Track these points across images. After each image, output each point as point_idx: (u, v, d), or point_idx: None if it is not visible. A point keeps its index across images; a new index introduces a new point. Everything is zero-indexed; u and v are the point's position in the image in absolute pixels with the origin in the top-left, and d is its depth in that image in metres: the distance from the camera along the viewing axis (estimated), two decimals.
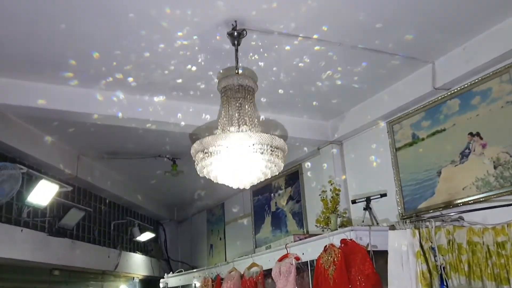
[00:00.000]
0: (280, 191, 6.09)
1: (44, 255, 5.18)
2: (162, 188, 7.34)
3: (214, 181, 2.96)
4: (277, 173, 2.93)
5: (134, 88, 4.12)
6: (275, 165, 2.80)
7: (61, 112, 4.06)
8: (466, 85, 3.76)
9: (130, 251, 7.35)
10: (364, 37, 3.53)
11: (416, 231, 3.18)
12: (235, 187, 2.94)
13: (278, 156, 2.81)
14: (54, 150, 5.26)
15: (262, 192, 6.47)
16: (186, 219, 8.79)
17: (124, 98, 4.19)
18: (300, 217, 5.59)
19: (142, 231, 7.47)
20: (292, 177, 5.84)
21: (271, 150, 2.74)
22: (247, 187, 2.92)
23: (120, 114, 4.16)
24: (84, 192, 6.26)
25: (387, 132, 4.48)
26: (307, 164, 5.60)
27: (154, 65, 3.75)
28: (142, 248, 7.82)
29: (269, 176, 2.88)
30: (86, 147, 5.59)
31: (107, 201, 6.89)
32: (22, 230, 4.88)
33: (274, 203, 6.18)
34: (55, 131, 4.96)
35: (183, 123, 4.38)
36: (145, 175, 6.72)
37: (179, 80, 4.01)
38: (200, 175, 2.95)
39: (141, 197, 7.47)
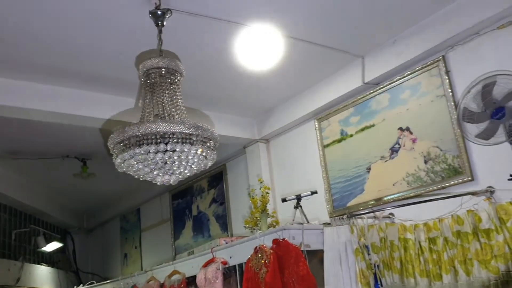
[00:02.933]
0: (202, 194, 5.78)
1: None
2: (70, 193, 6.73)
3: (136, 177, 2.61)
4: (207, 168, 2.65)
5: (34, 75, 3.63)
6: (207, 157, 2.51)
7: None
8: (395, 79, 3.72)
9: (34, 263, 6.70)
10: (293, 28, 3.38)
11: (354, 228, 3.04)
12: (159, 183, 2.60)
13: (210, 147, 2.52)
14: None
15: (183, 196, 6.12)
16: (97, 227, 8.24)
17: (24, 86, 3.66)
18: (224, 220, 5.33)
19: (48, 240, 6.87)
20: (216, 178, 5.57)
21: (202, 141, 2.44)
22: (175, 182, 2.59)
23: (19, 105, 3.64)
24: None
25: (315, 129, 4.36)
26: (232, 164, 5.36)
27: (58, 47, 3.30)
28: (48, 259, 7.17)
29: (200, 169, 2.58)
30: None
31: (6, 207, 6.21)
32: None
33: (196, 206, 5.87)
34: None
35: (93, 116, 3.89)
36: (51, 178, 6.10)
37: (90, 66, 3.57)
38: (119, 170, 2.59)
39: (46, 203, 6.83)
